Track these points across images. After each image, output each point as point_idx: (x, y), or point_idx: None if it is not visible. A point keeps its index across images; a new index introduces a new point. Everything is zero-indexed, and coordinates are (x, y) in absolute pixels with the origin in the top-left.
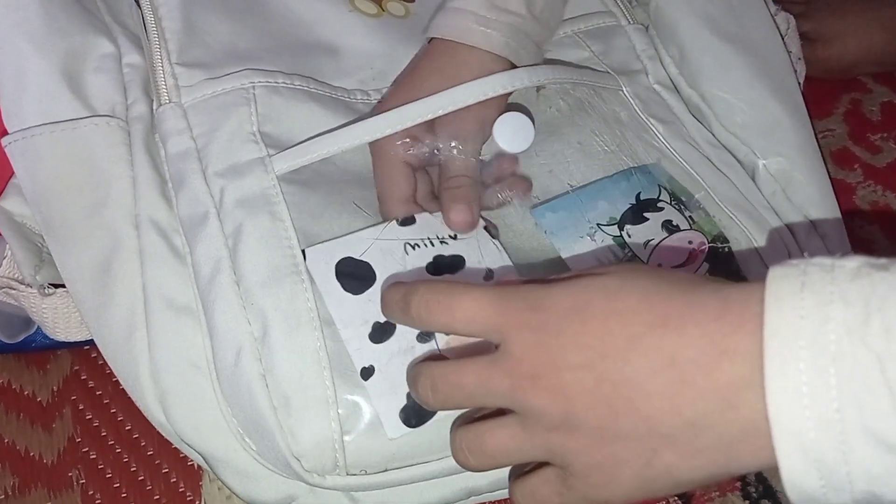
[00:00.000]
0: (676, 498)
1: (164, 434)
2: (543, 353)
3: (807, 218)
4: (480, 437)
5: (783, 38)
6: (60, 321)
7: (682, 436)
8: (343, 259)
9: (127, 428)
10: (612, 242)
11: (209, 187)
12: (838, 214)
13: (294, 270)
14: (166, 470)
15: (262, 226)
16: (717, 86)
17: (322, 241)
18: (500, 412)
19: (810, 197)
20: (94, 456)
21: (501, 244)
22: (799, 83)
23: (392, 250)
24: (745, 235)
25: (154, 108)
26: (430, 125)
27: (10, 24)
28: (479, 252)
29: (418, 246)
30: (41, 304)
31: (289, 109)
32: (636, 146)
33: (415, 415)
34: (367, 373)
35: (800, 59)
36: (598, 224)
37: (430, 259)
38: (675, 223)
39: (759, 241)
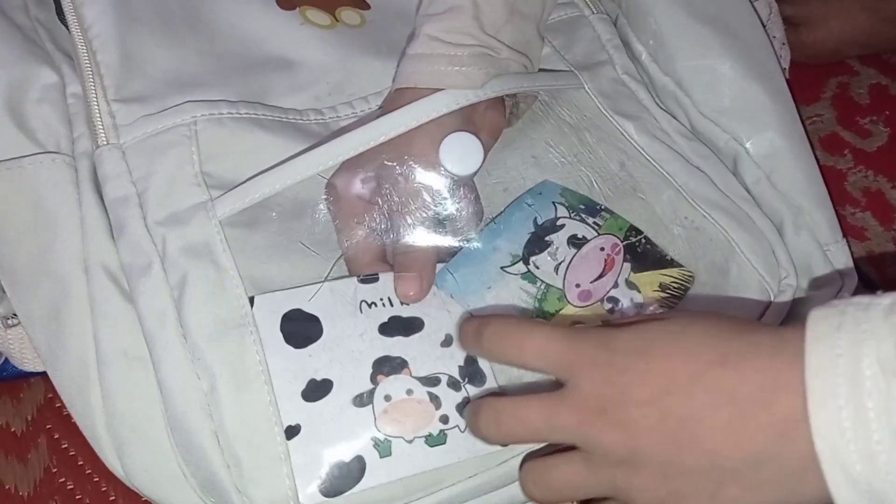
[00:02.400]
0: None
1: (128, 486)
2: (610, 390)
3: (794, 206)
4: (547, 472)
5: (765, 24)
6: (28, 352)
7: (744, 469)
8: (291, 311)
9: None
10: (520, 281)
11: (151, 235)
12: (828, 200)
13: (241, 322)
14: (146, 499)
15: (207, 276)
16: (695, 70)
17: (272, 291)
18: (566, 448)
19: (797, 183)
20: (71, 486)
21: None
22: (784, 68)
23: (345, 306)
24: (722, 234)
25: (92, 149)
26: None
27: None
28: (446, 314)
29: (375, 305)
30: (6, 335)
31: (234, 142)
32: (598, 150)
33: (332, 485)
34: (292, 431)
35: (784, 44)
36: (501, 268)
37: (385, 319)
38: (580, 236)
39: (738, 238)
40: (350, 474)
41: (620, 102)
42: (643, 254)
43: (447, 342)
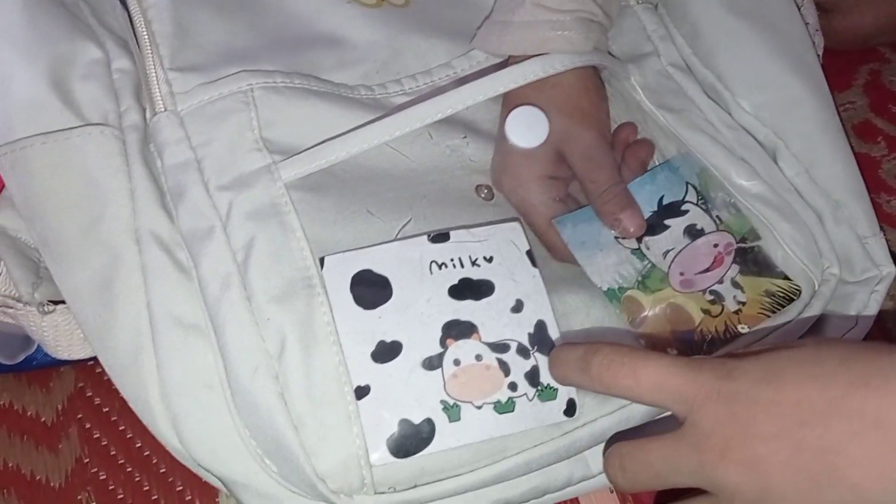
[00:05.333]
0: None
1: (179, 459)
2: (734, 425)
3: (832, 200)
4: None
5: (799, 11)
6: (62, 339)
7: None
8: (361, 271)
9: (137, 445)
10: (629, 254)
11: (213, 200)
12: (865, 193)
13: (308, 284)
14: (180, 488)
15: (274, 237)
16: (733, 64)
17: (342, 251)
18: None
19: (836, 177)
20: (103, 476)
21: (541, 273)
22: (818, 57)
23: (415, 267)
24: (766, 227)
25: (148, 116)
26: (555, 153)
27: None
28: (513, 279)
29: (445, 266)
30: (41, 322)
31: (291, 109)
32: (651, 133)
33: (402, 446)
34: (361, 392)
35: (817, 30)
36: (615, 237)
37: (455, 281)
38: (699, 227)
39: (782, 230)
40: (420, 436)
41: (664, 96)
42: (755, 259)
43: (517, 308)
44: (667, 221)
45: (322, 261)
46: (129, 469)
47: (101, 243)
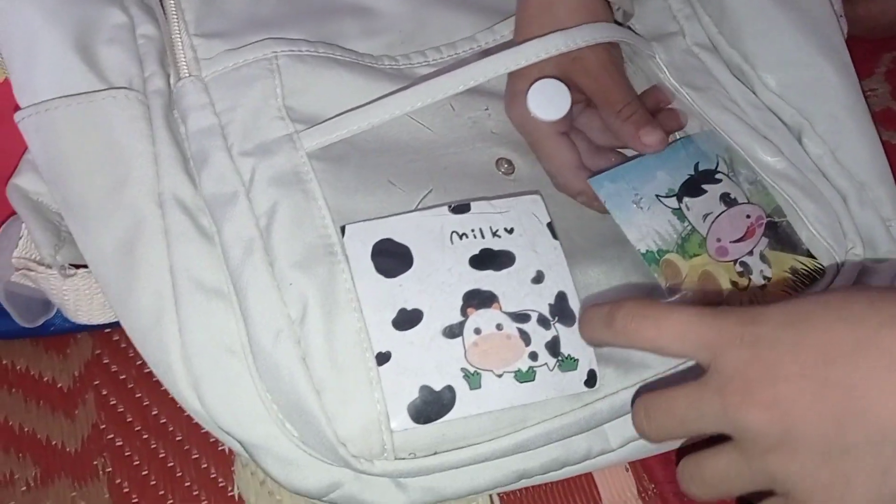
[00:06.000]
0: None
1: (199, 421)
2: (757, 367)
3: (857, 182)
4: (699, 466)
5: None
6: (83, 303)
7: None
8: (382, 240)
9: (153, 413)
10: (670, 214)
11: (236, 165)
12: (890, 177)
13: (330, 251)
14: (196, 455)
15: (296, 204)
16: (760, 44)
17: (364, 220)
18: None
19: (861, 159)
20: (119, 443)
21: (561, 244)
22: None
23: (436, 237)
24: (790, 205)
25: (172, 82)
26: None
27: None
28: (533, 250)
29: (466, 236)
30: (62, 286)
31: (315, 78)
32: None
33: (423, 412)
34: (382, 358)
35: (841, 16)
36: (656, 195)
37: (476, 252)
38: (732, 196)
39: (806, 209)
40: (440, 402)
41: (689, 74)
42: (782, 235)
43: (538, 279)
44: (704, 186)
45: (343, 229)
46: (146, 436)
47: (125, 206)
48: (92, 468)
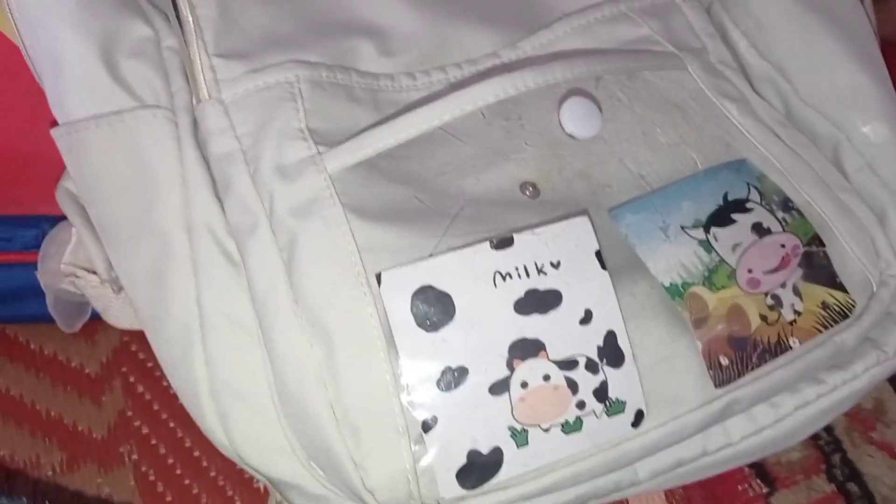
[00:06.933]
0: (761, 482)
1: (227, 456)
2: None
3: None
4: None
5: (863, 3)
6: (127, 315)
7: None
8: (421, 288)
9: (180, 402)
10: (697, 246)
11: (258, 192)
12: None
13: (355, 283)
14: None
15: (318, 235)
16: (798, 55)
17: (400, 265)
18: None
19: None
20: (146, 431)
21: (611, 275)
22: None
23: (479, 281)
24: (826, 221)
25: (193, 103)
26: None
27: (42, 3)
28: (581, 286)
29: (510, 276)
30: (109, 297)
31: (333, 105)
32: (704, 130)
33: (473, 476)
34: (427, 425)
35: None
36: (681, 227)
37: (522, 294)
38: (765, 226)
39: (839, 225)
40: (488, 466)
41: (721, 84)
42: (818, 266)
43: (586, 319)
44: (733, 216)
45: (379, 277)
46: (172, 425)
47: (152, 233)
48: (118, 455)
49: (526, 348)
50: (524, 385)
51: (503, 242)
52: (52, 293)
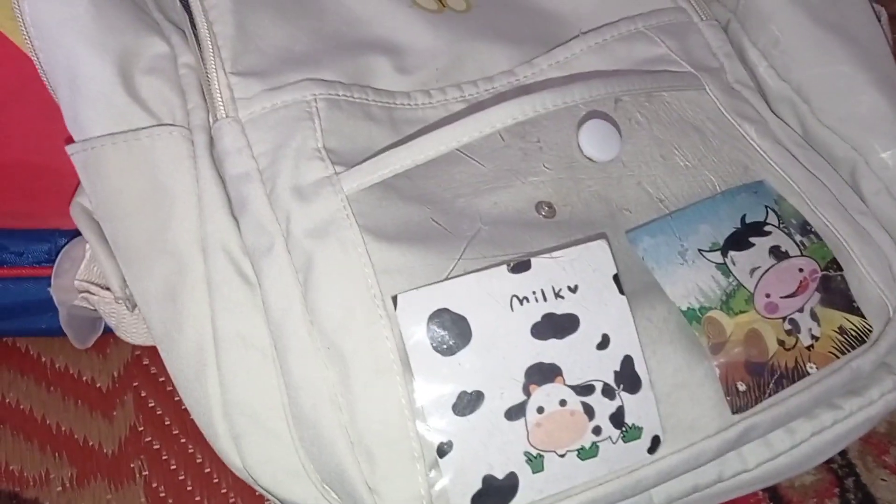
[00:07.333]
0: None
1: (241, 478)
2: None
3: None
4: None
5: (880, 23)
6: (140, 332)
7: None
8: (437, 311)
9: (192, 418)
10: (714, 270)
11: (274, 213)
12: None
13: (371, 306)
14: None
15: (334, 256)
16: (817, 76)
17: (416, 288)
18: None
19: None
20: (157, 446)
21: (628, 299)
22: None
23: (495, 304)
24: (843, 245)
25: (210, 121)
26: None
27: (58, 20)
28: (598, 310)
29: (527, 300)
30: (122, 314)
31: (350, 125)
32: (722, 153)
33: (488, 502)
34: (443, 450)
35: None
36: (699, 250)
37: (538, 318)
38: (783, 249)
39: (856, 249)
40: (503, 492)
41: (739, 105)
42: (835, 291)
43: (603, 344)
44: (751, 239)
45: (395, 300)
46: (183, 440)
47: (167, 253)
48: (129, 471)
49: (542, 373)
50: (540, 410)
51: (520, 266)
52: (65, 309)
